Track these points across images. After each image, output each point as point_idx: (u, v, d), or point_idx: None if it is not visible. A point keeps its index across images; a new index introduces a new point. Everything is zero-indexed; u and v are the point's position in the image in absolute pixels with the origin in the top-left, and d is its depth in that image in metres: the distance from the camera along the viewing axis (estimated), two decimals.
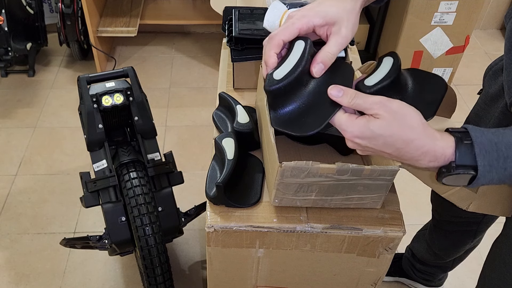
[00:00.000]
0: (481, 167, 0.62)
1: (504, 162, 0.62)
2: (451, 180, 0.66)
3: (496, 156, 0.62)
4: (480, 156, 0.62)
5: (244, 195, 0.92)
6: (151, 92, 2.46)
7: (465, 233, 1.34)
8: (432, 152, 0.65)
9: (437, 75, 0.91)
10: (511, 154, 0.62)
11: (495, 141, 0.63)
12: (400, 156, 0.67)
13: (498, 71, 0.99)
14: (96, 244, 1.40)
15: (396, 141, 0.66)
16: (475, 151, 0.63)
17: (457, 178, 0.65)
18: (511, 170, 0.62)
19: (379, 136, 0.66)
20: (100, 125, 1.35)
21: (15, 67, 2.58)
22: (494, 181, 0.64)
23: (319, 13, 0.75)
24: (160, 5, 2.76)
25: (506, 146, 0.62)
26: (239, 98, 1.14)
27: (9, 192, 1.98)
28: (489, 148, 0.62)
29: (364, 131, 0.67)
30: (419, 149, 0.65)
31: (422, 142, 0.65)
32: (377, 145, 0.67)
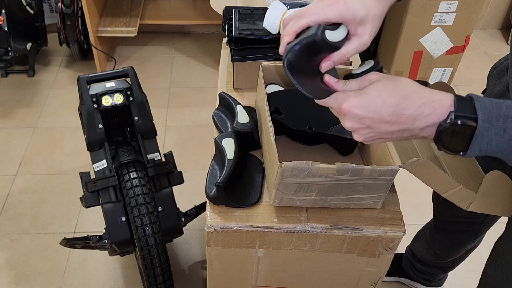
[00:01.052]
0: (481, 121, 0.60)
1: (504, 121, 0.60)
2: (448, 138, 0.63)
3: (496, 114, 0.60)
4: (481, 111, 0.60)
5: (244, 195, 0.92)
6: (151, 92, 2.46)
7: (466, 233, 1.34)
8: (430, 103, 0.63)
9: (422, 80, 0.91)
10: (511, 114, 0.60)
11: (495, 102, 0.61)
12: (399, 117, 0.64)
13: (503, 71, 0.99)
14: (96, 244, 1.40)
15: (395, 98, 0.64)
16: (475, 104, 0.61)
17: (455, 133, 0.62)
18: (511, 132, 0.60)
19: (377, 98, 0.64)
20: (100, 125, 1.35)
21: (15, 67, 2.58)
22: (492, 146, 0.61)
23: (350, 9, 0.71)
24: (160, 5, 2.76)
25: (507, 107, 0.60)
26: (239, 98, 1.14)
27: (9, 192, 1.98)
28: (489, 106, 0.61)
29: (362, 97, 0.65)
30: (417, 102, 0.63)
31: (420, 94, 0.64)
32: (375, 111, 0.65)
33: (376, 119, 0.65)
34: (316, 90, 0.73)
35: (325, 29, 0.72)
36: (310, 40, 0.72)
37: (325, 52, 0.74)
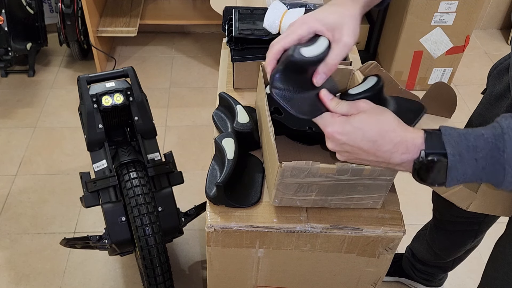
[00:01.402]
0: (451, 155, 0.62)
1: (474, 152, 0.62)
2: (425, 173, 0.65)
3: (465, 146, 0.62)
4: (449, 145, 0.63)
5: (244, 195, 0.92)
6: (151, 92, 2.46)
7: (466, 233, 1.34)
8: (404, 142, 0.66)
9: (416, 101, 0.93)
10: (480, 145, 0.62)
11: (463, 133, 0.63)
12: (376, 151, 0.68)
13: (503, 71, 0.99)
14: (96, 244, 1.40)
15: (373, 134, 0.68)
16: (443, 139, 0.63)
17: (430, 169, 0.64)
18: (482, 162, 0.62)
19: (359, 130, 0.68)
20: (100, 125, 1.35)
21: (15, 67, 2.58)
22: (469, 175, 0.63)
23: (318, 20, 0.76)
24: (160, 5, 2.76)
25: (475, 137, 0.62)
26: (239, 98, 1.14)
27: (9, 192, 1.98)
28: (458, 139, 0.63)
29: (345, 126, 0.69)
30: (393, 140, 0.67)
31: (396, 134, 0.67)
32: (355, 141, 0.68)
33: (355, 148, 0.69)
34: (308, 109, 0.75)
35: (300, 47, 0.74)
36: (287, 62, 0.75)
37: (311, 67, 0.76)
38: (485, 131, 0.62)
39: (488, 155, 0.61)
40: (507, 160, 0.61)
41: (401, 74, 2.51)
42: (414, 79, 2.53)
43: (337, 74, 0.99)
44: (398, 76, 2.50)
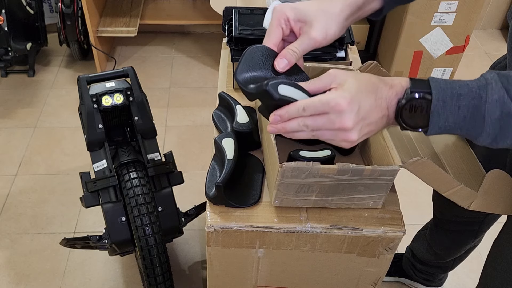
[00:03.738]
0: (435, 100, 0.63)
1: (458, 99, 0.63)
2: (407, 114, 0.65)
3: (450, 93, 0.63)
4: (435, 89, 0.64)
5: (244, 195, 0.92)
6: (151, 92, 2.46)
7: (466, 233, 1.34)
8: (394, 86, 0.67)
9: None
10: (464, 93, 0.63)
11: (449, 82, 0.64)
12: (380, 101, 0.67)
13: (502, 69, 0.99)
14: (96, 244, 1.40)
15: (370, 85, 0.66)
16: (430, 83, 0.65)
17: (413, 108, 0.65)
18: (464, 110, 0.63)
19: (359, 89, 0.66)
20: (100, 125, 1.35)
21: (15, 67, 2.58)
22: (450, 123, 0.64)
23: (294, 9, 0.76)
24: (160, 5, 2.76)
25: (459, 86, 0.64)
26: (239, 98, 1.14)
27: (9, 192, 1.98)
28: (444, 86, 0.64)
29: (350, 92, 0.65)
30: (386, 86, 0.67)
31: (385, 80, 0.67)
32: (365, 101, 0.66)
33: (368, 108, 0.66)
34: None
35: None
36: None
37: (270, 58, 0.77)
38: (470, 82, 0.64)
39: (470, 104, 0.63)
40: (487, 110, 0.62)
41: (401, 74, 2.51)
42: None
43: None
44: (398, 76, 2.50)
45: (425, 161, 0.79)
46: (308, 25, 0.75)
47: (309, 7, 0.76)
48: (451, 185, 0.83)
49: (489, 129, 0.63)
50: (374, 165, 0.81)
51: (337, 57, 1.14)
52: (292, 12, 0.76)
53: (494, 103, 0.62)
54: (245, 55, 0.78)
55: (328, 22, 0.75)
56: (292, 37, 0.80)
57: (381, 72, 1.06)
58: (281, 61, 0.76)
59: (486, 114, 0.62)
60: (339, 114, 0.65)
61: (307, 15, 0.75)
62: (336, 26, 0.77)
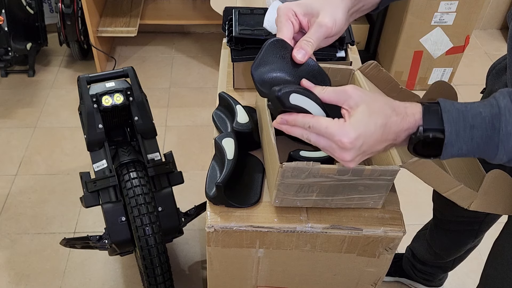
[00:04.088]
0: (448, 133, 0.63)
1: (471, 131, 0.63)
2: (421, 148, 0.66)
3: (462, 125, 0.63)
4: (448, 123, 0.64)
5: (244, 195, 0.92)
6: (151, 92, 2.46)
7: (466, 232, 1.34)
8: (406, 117, 0.66)
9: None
10: (477, 124, 0.63)
11: (462, 110, 0.64)
12: (386, 135, 0.67)
13: (502, 70, 0.99)
14: (96, 244, 1.40)
15: (382, 117, 0.66)
16: (442, 117, 0.64)
17: (427, 144, 0.65)
18: (478, 140, 0.63)
19: (370, 122, 0.66)
20: (100, 125, 1.35)
21: (15, 67, 2.58)
22: (463, 151, 0.65)
23: (299, 4, 0.78)
24: (160, 5, 2.76)
25: (472, 116, 0.63)
26: (239, 98, 1.14)
27: (9, 192, 1.98)
28: (456, 117, 0.64)
29: (359, 127, 0.66)
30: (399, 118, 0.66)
31: (398, 110, 0.67)
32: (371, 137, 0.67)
33: (371, 143, 0.67)
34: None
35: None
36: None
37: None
38: (483, 109, 0.63)
39: (484, 134, 0.63)
40: (501, 140, 0.62)
41: (401, 74, 2.50)
42: (414, 79, 2.53)
43: (337, 74, 0.99)
44: (398, 76, 2.50)
45: (425, 161, 0.79)
46: (316, 16, 0.77)
47: (313, 1, 0.77)
48: (451, 185, 0.83)
49: (503, 156, 0.64)
50: (374, 165, 0.81)
51: (337, 57, 1.14)
52: (298, 7, 0.77)
53: (508, 135, 0.62)
54: (264, 49, 0.77)
55: (334, 10, 0.77)
56: (300, 34, 0.80)
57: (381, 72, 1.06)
58: (298, 52, 0.76)
59: (500, 143, 0.63)
60: (341, 149, 0.67)
61: (313, 7, 0.77)
62: (342, 13, 0.78)
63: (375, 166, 0.81)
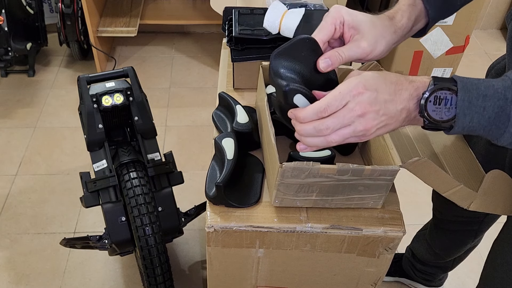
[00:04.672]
0: (461, 101, 0.63)
1: (483, 100, 0.63)
2: (432, 107, 0.65)
3: (475, 94, 0.63)
4: (461, 91, 0.64)
5: (244, 195, 0.92)
6: (151, 92, 2.46)
7: (466, 233, 1.34)
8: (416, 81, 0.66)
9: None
10: (489, 94, 0.63)
11: (474, 82, 0.64)
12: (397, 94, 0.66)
13: (501, 70, 0.99)
14: (96, 244, 1.40)
15: (392, 77, 0.66)
16: (455, 80, 0.64)
17: (438, 101, 0.65)
18: (489, 111, 0.63)
19: (379, 78, 0.66)
20: (100, 125, 1.35)
21: (15, 67, 2.58)
22: (474, 123, 0.64)
23: (351, 15, 0.76)
24: (160, 5, 2.76)
25: (485, 87, 0.64)
26: (239, 98, 1.14)
27: (9, 192, 1.98)
28: (469, 85, 0.64)
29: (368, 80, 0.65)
30: (408, 79, 0.66)
31: (406, 77, 0.67)
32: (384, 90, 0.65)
33: (386, 98, 0.65)
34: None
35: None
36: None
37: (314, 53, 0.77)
38: (495, 82, 0.64)
39: (496, 105, 0.63)
40: None
41: (401, 74, 2.50)
42: None
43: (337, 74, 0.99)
44: None
45: (425, 161, 0.79)
46: (360, 35, 0.76)
47: (366, 18, 0.76)
48: (451, 185, 0.83)
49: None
50: (374, 165, 0.81)
51: None
52: (349, 17, 0.76)
53: None
54: (293, 42, 0.76)
55: (379, 38, 0.76)
56: (337, 42, 0.80)
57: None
58: (324, 61, 0.75)
59: (511, 114, 0.62)
60: (358, 97, 0.65)
61: (362, 25, 0.75)
62: (385, 45, 0.77)
63: (375, 166, 0.81)
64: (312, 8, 1.24)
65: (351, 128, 0.66)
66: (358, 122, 0.66)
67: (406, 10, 0.78)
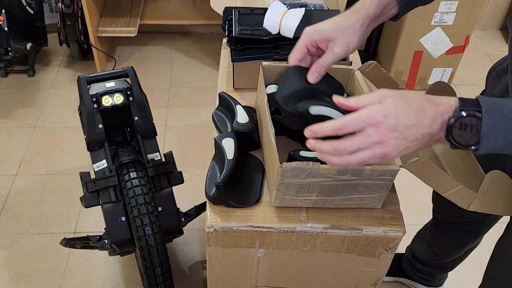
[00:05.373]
0: (485, 125, 0.64)
1: (508, 124, 0.63)
2: (457, 132, 0.65)
3: (499, 117, 0.64)
4: (484, 109, 0.64)
5: (244, 195, 0.92)
6: (151, 92, 2.46)
7: (466, 233, 1.34)
8: (441, 103, 0.66)
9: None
10: None
11: (499, 105, 0.64)
12: (419, 120, 0.66)
13: (502, 72, 0.99)
14: (96, 244, 1.40)
15: (414, 103, 0.66)
16: (479, 102, 0.65)
17: (464, 126, 0.65)
18: None
19: (402, 104, 0.66)
20: (100, 125, 1.35)
21: (15, 67, 2.58)
22: (499, 145, 0.65)
23: (316, 30, 0.86)
24: (160, 5, 2.76)
25: (508, 109, 0.64)
26: (239, 98, 1.14)
27: (9, 192, 1.98)
28: (493, 109, 0.64)
29: (389, 107, 0.66)
30: (433, 104, 0.67)
31: (431, 98, 0.67)
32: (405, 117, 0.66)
33: (407, 124, 0.66)
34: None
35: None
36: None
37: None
38: None
39: None
40: None
41: (401, 74, 2.51)
42: (414, 79, 2.53)
43: (337, 74, 0.99)
44: (398, 76, 2.50)
45: (425, 161, 0.79)
46: (333, 42, 0.85)
47: (332, 27, 0.85)
48: (451, 186, 0.83)
49: None
50: (374, 165, 0.81)
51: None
52: (317, 35, 0.86)
53: None
54: (282, 77, 0.90)
55: (349, 37, 0.84)
56: (320, 52, 0.90)
57: (381, 72, 1.06)
58: (312, 75, 0.87)
59: None
60: (376, 127, 0.66)
61: (330, 35, 0.85)
62: (357, 38, 0.86)
63: (375, 166, 0.81)
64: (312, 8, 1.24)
65: (370, 152, 0.68)
66: (377, 147, 0.67)
67: (375, 1, 0.85)
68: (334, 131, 0.69)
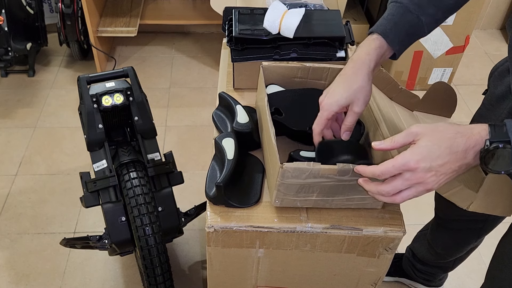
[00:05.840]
0: None
1: None
2: (492, 161, 0.69)
3: None
4: None
5: (244, 195, 0.92)
6: (151, 92, 2.46)
7: (469, 232, 1.33)
8: (472, 136, 0.71)
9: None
10: None
11: None
12: (456, 155, 0.71)
13: (504, 72, 0.99)
14: (96, 244, 1.40)
15: (446, 142, 0.71)
16: (508, 132, 0.68)
17: (497, 157, 0.69)
18: None
19: (433, 146, 0.71)
20: (100, 125, 1.35)
21: (15, 67, 2.58)
22: None
23: (333, 103, 0.89)
24: (160, 5, 2.76)
25: None
26: (239, 98, 1.14)
27: (9, 192, 1.98)
28: None
29: (422, 151, 0.71)
30: (464, 138, 0.71)
31: (462, 132, 0.71)
32: (438, 157, 0.71)
33: (440, 163, 0.71)
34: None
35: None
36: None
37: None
38: None
39: None
40: None
41: (401, 74, 2.50)
42: (414, 79, 2.53)
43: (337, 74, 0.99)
44: (398, 76, 2.50)
45: None
46: (351, 105, 0.90)
47: (345, 93, 0.89)
48: (451, 186, 0.83)
49: None
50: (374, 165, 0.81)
51: (337, 57, 1.14)
52: (336, 107, 0.89)
53: None
54: (316, 152, 0.92)
55: (363, 95, 0.89)
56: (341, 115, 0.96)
57: (381, 72, 1.06)
58: (345, 134, 0.92)
59: None
60: (412, 171, 0.72)
61: (347, 102, 0.89)
62: (369, 91, 0.90)
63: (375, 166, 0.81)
64: (312, 8, 1.24)
65: (413, 190, 0.74)
66: (418, 186, 0.73)
67: (373, 54, 0.90)
68: (375, 176, 0.76)
